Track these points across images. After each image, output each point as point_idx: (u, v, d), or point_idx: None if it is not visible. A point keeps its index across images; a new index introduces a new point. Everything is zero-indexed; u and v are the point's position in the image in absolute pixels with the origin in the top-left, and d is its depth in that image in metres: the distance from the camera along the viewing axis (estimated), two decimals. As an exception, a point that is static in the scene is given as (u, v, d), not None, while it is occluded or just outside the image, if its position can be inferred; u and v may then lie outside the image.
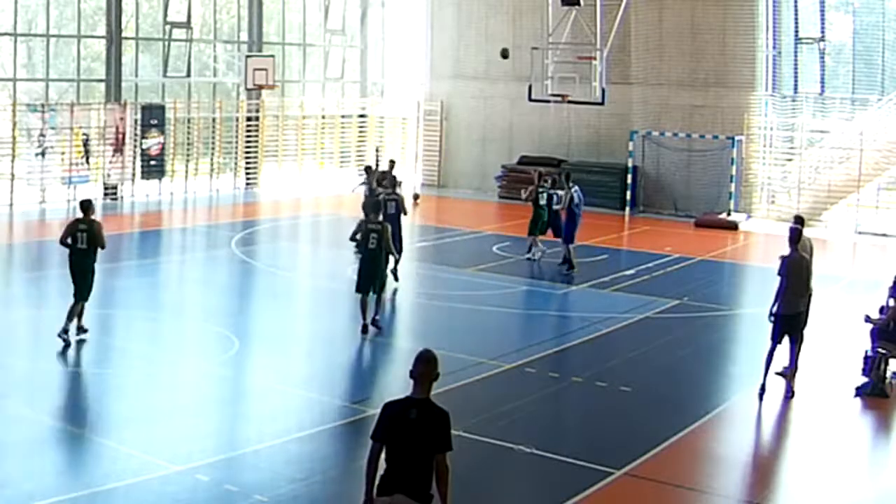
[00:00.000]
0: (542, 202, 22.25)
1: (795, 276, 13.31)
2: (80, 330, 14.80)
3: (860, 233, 28.49)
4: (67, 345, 14.34)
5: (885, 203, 29.04)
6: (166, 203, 29.53)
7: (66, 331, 14.41)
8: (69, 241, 14.78)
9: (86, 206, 14.98)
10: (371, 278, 15.95)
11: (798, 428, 12.93)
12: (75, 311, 14.62)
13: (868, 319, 14.20)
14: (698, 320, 18.11)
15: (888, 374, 13.82)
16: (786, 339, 13.39)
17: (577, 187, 21.92)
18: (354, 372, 14.92)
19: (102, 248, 14.94)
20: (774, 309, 13.28)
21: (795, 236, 13.64)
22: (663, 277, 21.73)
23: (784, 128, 30.59)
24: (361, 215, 18.54)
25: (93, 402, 12.88)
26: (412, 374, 7.24)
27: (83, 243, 14.74)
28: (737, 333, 18.19)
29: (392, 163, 23.34)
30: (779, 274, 13.34)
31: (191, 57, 32.30)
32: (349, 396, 13.14)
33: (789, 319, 13.23)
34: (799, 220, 14.80)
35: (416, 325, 17.64)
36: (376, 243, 15.90)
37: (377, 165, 26.32)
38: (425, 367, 7.22)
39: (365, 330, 15.85)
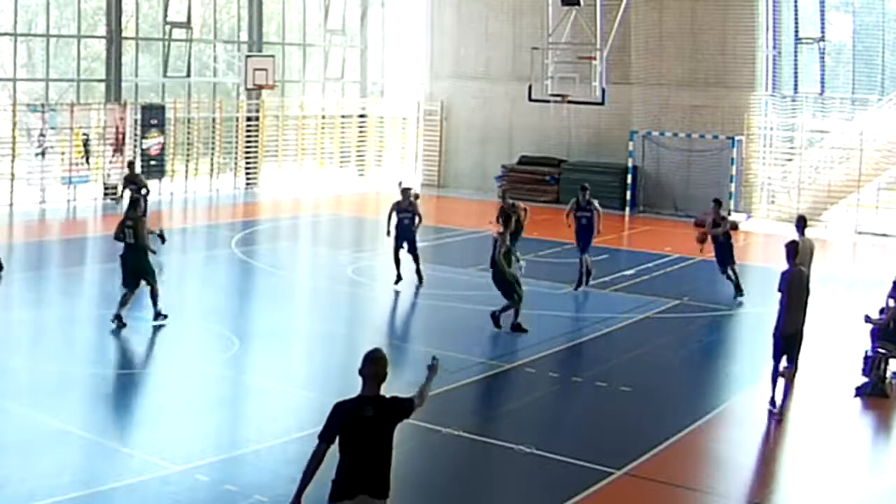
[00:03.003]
0: None
1: (795, 291, 12.96)
2: None
3: (860, 233, 28.47)
4: None
5: (885, 203, 29.01)
6: (166, 203, 29.51)
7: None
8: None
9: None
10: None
11: (798, 428, 12.92)
12: None
13: (868, 319, 14.17)
14: (698, 320, 18.11)
15: (888, 374, 13.81)
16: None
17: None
18: (354, 372, 14.83)
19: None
20: (776, 327, 12.94)
21: (793, 251, 13.20)
22: (663, 277, 21.74)
23: (784, 128, 30.57)
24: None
25: (93, 402, 12.86)
26: (361, 373, 7.30)
27: None
28: (737, 333, 18.18)
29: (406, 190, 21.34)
30: (779, 290, 12.82)
31: (191, 57, 32.30)
32: (349, 396, 13.10)
33: (789, 338, 12.85)
34: (802, 221, 14.70)
35: (416, 325, 17.64)
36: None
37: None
38: (374, 366, 7.29)
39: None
